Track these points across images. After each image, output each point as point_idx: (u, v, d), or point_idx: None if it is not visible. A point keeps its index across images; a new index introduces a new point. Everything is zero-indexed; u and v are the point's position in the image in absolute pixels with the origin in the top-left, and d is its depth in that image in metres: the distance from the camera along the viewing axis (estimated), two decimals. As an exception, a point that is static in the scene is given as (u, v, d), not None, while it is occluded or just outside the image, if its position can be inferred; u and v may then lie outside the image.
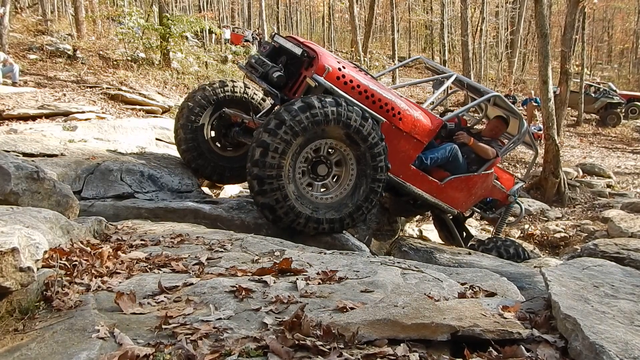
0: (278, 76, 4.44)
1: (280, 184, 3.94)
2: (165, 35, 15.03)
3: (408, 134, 4.72)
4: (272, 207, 4.00)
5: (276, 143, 3.87)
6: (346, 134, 4.17)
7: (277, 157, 3.89)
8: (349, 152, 4.29)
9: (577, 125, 20.59)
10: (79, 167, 5.15)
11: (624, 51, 42.86)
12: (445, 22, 23.09)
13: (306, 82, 4.38)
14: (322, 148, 4.25)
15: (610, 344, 1.57)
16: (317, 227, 4.20)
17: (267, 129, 3.91)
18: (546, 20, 11.75)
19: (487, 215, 6.16)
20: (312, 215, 4.15)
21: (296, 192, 4.12)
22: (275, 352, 1.64)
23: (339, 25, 38.47)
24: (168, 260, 2.70)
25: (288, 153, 3.96)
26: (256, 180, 3.93)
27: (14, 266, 1.87)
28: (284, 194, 3.97)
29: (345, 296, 2.25)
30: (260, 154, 3.89)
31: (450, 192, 5.20)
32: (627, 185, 13.22)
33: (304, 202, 4.15)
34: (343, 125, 4.09)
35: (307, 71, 4.44)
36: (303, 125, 3.93)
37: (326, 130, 4.10)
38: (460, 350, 1.72)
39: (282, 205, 4.00)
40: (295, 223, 4.09)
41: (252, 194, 4.08)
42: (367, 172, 4.30)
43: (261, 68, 4.55)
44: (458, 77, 5.81)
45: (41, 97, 10.49)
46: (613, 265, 2.45)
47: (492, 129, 5.96)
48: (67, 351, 1.65)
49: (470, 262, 4.56)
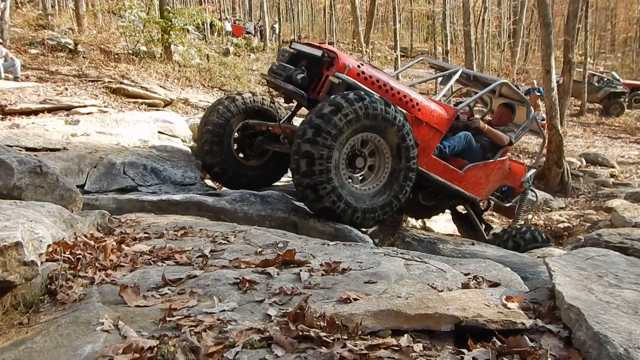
0: (302, 78, 4.62)
1: (328, 166, 4.06)
2: (167, 28, 14.98)
3: (427, 124, 4.87)
4: (315, 187, 4.10)
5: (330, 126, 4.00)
6: (386, 129, 4.31)
7: (329, 139, 4.01)
8: (386, 145, 4.43)
9: (581, 114, 20.49)
10: (82, 161, 5.16)
11: (628, 40, 42.53)
12: (447, 12, 22.96)
13: (329, 81, 4.54)
14: (360, 142, 4.39)
15: (615, 333, 1.57)
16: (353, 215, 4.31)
17: (321, 113, 4.03)
18: (549, 9, 11.66)
19: (503, 204, 6.14)
20: (358, 206, 4.29)
21: (343, 186, 4.25)
22: (279, 343, 1.65)
23: (340, 17, 38.26)
24: (172, 253, 2.70)
25: (339, 138, 4.08)
26: (305, 158, 4.03)
27: (18, 260, 1.87)
28: (329, 177, 4.09)
29: (349, 287, 2.25)
30: (313, 134, 4.00)
31: (471, 179, 5.31)
32: (631, 174, 13.17)
33: (346, 191, 4.27)
34: (384, 120, 4.24)
35: (328, 71, 4.60)
36: (357, 115, 4.09)
37: (371, 124, 4.23)
38: (464, 341, 1.72)
39: (326, 186, 4.09)
40: (335, 206, 4.19)
41: (297, 175, 4.13)
42: (401, 163, 4.45)
43: (284, 72, 4.73)
44: (464, 71, 5.92)
45: (43, 92, 10.49)
46: (617, 255, 2.44)
47: (499, 117, 6.01)
48: (72, 344, 1.66)
49: (473, 252, 4.57)
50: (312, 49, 4.81)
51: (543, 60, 11.83)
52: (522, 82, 24.21)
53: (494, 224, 8.39)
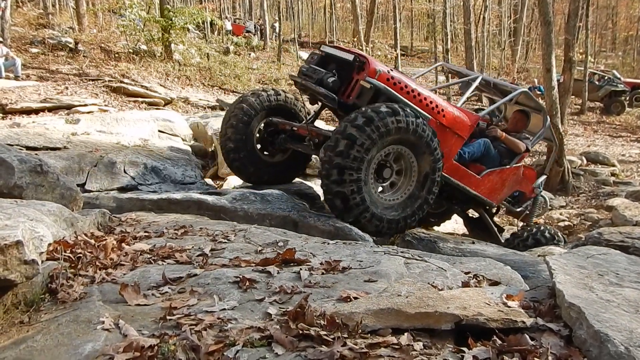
0: (333, 81, 4.64)
1: (359, 176, 4.09)
2: (167, 27, 14.98)
3: (451, 130, 4.92)
4: (345, 197, 4.13)
5: (363, 138, 4.04)
6: (416, 142, 4.37)
7: (361, 152, 4.05)
8: (413, 157, 4.48)
9: (581, 113, 20.48)
10: (82, 160, 5.16)
11: (628, 38, 42.47)
12: (447, 11, 22.90)
13: (360, 85, 4.57)
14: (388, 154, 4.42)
15: (615, 332, 1.57)
16: (378, 225, 4.33)
17: (355, 124, 4.06)
18: (549, 8, 11.64)
19: (514, 209, 6.24)
20: (384, 217, 4.31)
21: (368, 191, 4.27)
22: (280, 342, 1.65)
23: (340, 15, 38.24)
24: (172, 252, 2.70)
25: (371, 150, 4.13)
26: (337, 169, 4.05)
27: (19, 259, 1.87)
28: (359, 187, 4.11)
29: (349, 286, 2.25)
30: (345, 146, 4.03)
31: (488, 184, 5.38)
32: (632, 173, 13.16)
33: (373, 201, 4.30)
34: (415, 134, 4.29)
35: (358, 75, 4.62)
36: (389, 128, 4.12)
37: (402, 137, 4.28)
38: (464, 340, 1.72)
39: (355, 197, 4.13)
40: (362, 217, 4.21)
41: (327, 181, 4.14)
42: (428, 173, 4.51)
43: (315, 75, 4.75)
44: (484, 77, 6.03)
45: (44, 91, 10.50)
46: (617, 254, 2.44)
47: (515, 123, 6.09)
48: (73, 343, 1.66)
49: (474, 251, 4.56)
50: (343, 53, 4.84)
51: (544, 58, 11.82)
52: (522, 80, 24.20)
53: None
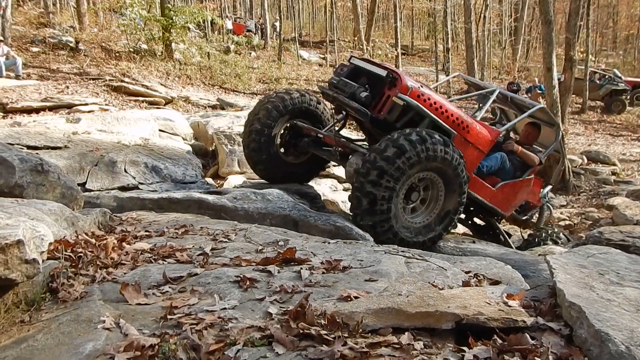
0: (365, 96, 4.68)
1: (395, 186, 4.16)
2: (168, 26, 14.98)
3: (473, 145, 5.01)
4: (374, 200, 4.17)
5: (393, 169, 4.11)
6: (444, 168, 4.45)
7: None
8: (444, 192, 4.58)
9: (582, 112, 20.44)
10: (83, 159, 5.17)
11: (629, 37, 42.37)
12: (448, 10, 22.86)
13: (391, 101, 4.60)
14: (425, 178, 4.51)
15: (616, 331, 1.57)
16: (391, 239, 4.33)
17: (384, 156, 4.13)
18: (550, 7, 11.62)
19: (519, 217, 6.37)
20: (394, 227, 4.34)
21: (396, 203, 4.33)
22: (280, 341, 1.65)
23: (341, 14, 38.17)
24: (172, 251, 2.71)
25: (401, 180, 4.20)
26: (378, 171, 4.11)
27: (20, 258, 1.88)
28: (390, 196, 4.18)
29: (350, 285, 2.25)
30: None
31: (501, 196, 5.50)
32: (632, 172, 13.13)
33: (396, 215, 4.35)
34: (444, 162, 4.37)
35: (390, 91, 4.65)
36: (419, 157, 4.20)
37: (431, 165, 4.35)
38: (464, 339, 1.72)
39: (383, 203, 4.18)
40: (380, 225, 4.26)
41: (363, 180, 4.18)
42: (449, 212, 4.61)
43: (347, 89, 4.78)
44: (501, 91, 6.12)
45: (44, 90, 10.50)
46: (618, 253, 2.44)
47: (527, 136, 6.23)
48: (73, 342, 1.67)
49: (474, 250, 4.56)
50: (375, 67, 4.90)
51: (544, 57, 11.81)
52: (523, 79, 24.15)
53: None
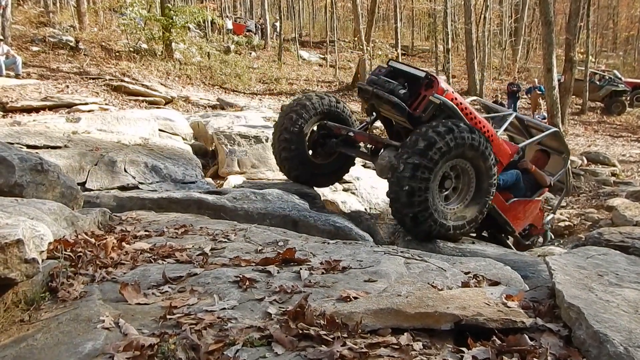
0: (404, 93, 4.88)
1: (426, 196, 4.29)
2: (168, 26, 14.98)
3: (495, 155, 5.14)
4: (427, 232, 4.39)
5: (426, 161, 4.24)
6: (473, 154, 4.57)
7: (426, 172, 4.26)
8: (469, 165, 4.67)
9: (582, 113, 20.45)
10: (83, 159, 5.17)
11: (629, 38, 42.39)
12: (448, 10, 22.89)
13: (428, 100, 4.81)
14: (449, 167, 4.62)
15: (615, 332, 1.57)
16: (461, 232, 4.64)
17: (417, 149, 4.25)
18: (550, 8, 11.64)
19: (523, 241, 6.43)
20: (449, 224, 4.52)
21: (436, 209, 4.48)
22: (279, 342, 1.65)
23: (341, 15, 38.16)
24: (172, 251, 2.71)
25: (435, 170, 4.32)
26: (405, 192, 4.25)
27: (19, 257, 1.88)
28: (433, 219, 4.36)
29: (349, 286, 2.25)
30: (412, 169, 4.23)
31: (513, 212, 5.61)
32: (632, 173, 13.13)
33: (443, 216, 4.51)
34: (472, 147, 4.49)
35: (427, 91, 4.88)
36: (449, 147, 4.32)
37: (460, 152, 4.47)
38: (463, 339, 1.72)
39: (434, 227, 4.38)
40: (447, 234, 4.52)
41: (398, 205, 4.34)
42: (484, 180, 4.74)
43: (387, 86, 4.98)
44: (517, 115, 6.33)
45: (44, 89, 10.50)
46: (617, 254, 2.44)
47: (536, 161, 6.31)
48: (73, 341, 1.67)
49: (474, 251, 4.56)
50: (413, 70, 5.16)
51: (544, 58, 11.82)
52: (523, 80, 24.14)
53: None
